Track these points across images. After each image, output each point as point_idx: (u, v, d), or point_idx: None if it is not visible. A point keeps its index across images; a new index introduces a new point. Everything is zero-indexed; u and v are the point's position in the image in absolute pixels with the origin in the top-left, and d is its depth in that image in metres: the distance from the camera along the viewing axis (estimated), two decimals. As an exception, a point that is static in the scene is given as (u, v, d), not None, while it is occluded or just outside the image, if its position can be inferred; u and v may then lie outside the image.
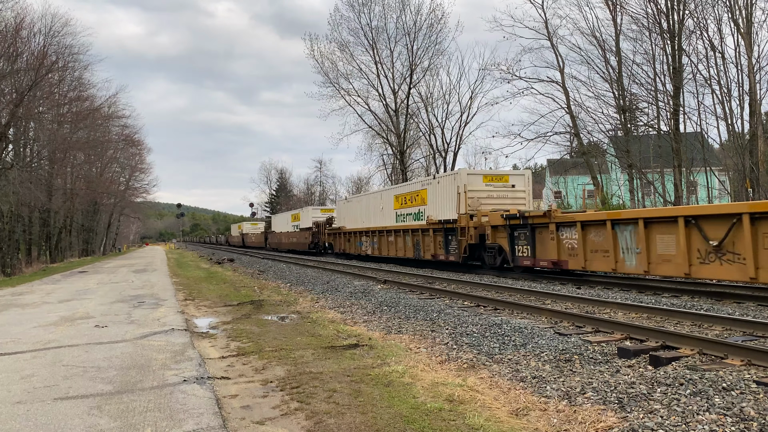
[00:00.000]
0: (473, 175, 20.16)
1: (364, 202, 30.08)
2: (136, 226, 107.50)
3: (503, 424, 4.36)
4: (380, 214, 27.03)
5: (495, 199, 19.68)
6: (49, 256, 43.24)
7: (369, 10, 51.25)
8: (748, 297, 10.74)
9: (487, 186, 19.85)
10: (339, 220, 34.24)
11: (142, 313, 10.94)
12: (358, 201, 31.43)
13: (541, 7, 34.14)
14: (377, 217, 27.35)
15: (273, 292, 14.73)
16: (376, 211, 27.51)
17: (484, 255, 18.30)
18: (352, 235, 30.89)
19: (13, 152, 35.47)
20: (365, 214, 29.20)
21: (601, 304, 10.14)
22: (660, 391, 4.83)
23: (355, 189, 75.13)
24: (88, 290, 16.38)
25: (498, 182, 20.17)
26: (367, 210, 29.07)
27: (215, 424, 4.37)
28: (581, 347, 6.77)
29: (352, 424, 4.35)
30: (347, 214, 32.18)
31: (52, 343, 7.94)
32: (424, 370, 5.94)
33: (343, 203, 33.93)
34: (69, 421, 4.52)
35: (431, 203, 21.84)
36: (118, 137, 52.27)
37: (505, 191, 20.01)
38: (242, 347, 7.42)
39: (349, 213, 31.78)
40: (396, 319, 9.59)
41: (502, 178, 20.44)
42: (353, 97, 46.92)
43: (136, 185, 68.23)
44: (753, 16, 24.89)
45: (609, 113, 31.73)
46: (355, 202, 31.77)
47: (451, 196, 19.95)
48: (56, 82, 35.47)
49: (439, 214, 20.84)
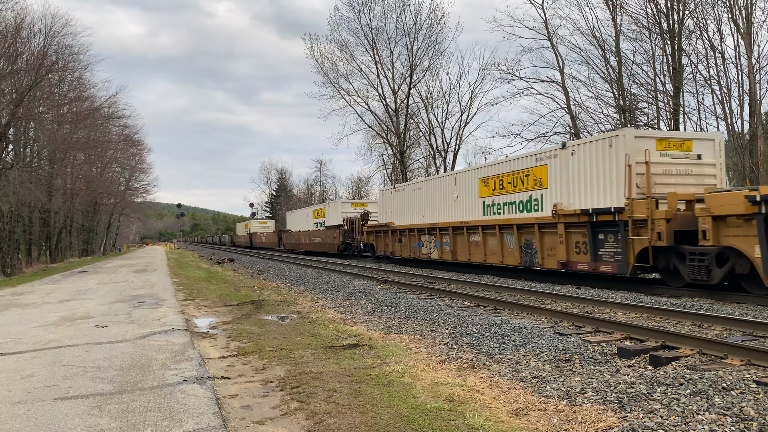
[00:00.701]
0: (643, 138, 13.33)
1: (425, 191, 23.49)
2: (136, 226, 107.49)
3: (503, 423, 4.36)
4: (453, 205, 20.78)
5: (674, 177, 13.28)
6: (49, 256, 43.25)
7: (369, 10, 51.36)
8: (747, 297, 10.74)
9: (662, 156, 13.26)
10: (384, 215, 27.70)
11: (142, 313, 10.95)
12: (415, 189, 24.73)
13: (541, 7, 34.14)
14: (448, 208, 21.14)
15: (273, 292, 14.73)
16: (446, 201, 21.33)
17: (680, 265, 11.80)
18: (405, 233, 24.71)
19: (13, 152, 35.49)
20: (427, 205, 22.99)
21: (601, 304, 10.14)
22: (660, 391, 4.83)
23: (355, 189, 75.08)
24: (88, 290, 16.39)
25: (677, 150, 13.48)
26: (430, 200, 22.78)
27: (215, 424, 4.38)
28: (581, 347, 6.77)
29: (352, 424, 4.36)
30: (397, 206, 26.00)
31: (52, 343, 7.94)
32: (424, 370, 5.95)
33: (390, 194, 27.27)
34: (69, 421, 4.52)
35: (556, 185, 15.32)
36: (118, 137, 52.30)
37: (687, 164, 13.47)
38: (242, 347, 7.43)
39: (400, 205, 25.66)
40: (396, 319, 9.59)
41: (683, 144, 13.66)
42: (353, 97, 46.97)
43: (136, 185, 68.36)
44: (753, 16, 24.92)
45: (609, 113, 31.75)
46: (409, 192, 25.19)
47: (602, 172, 13.74)
48: (56, 82, 35.49)
49: (578, 200, 14.54)
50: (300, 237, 43.90)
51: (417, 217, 23.80)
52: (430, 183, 23.56)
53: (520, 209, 17.03)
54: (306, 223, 43.91)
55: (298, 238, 44.61)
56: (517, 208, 17.15)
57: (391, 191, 27.55)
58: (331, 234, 35.25)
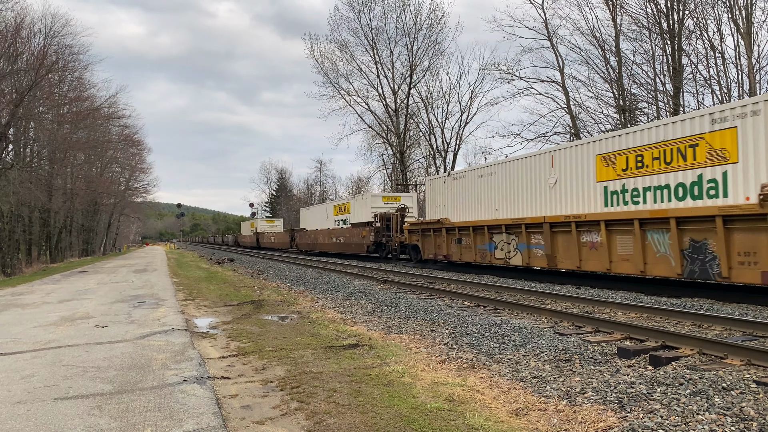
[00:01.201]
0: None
1: (500, 177, 18.45)
2: (136, 226, 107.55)
3: (503, 423, 4.36)
4: (548, 193, 16.34)
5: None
6: (49, 256, 43.25)
7: (369, 10, 51.46)
8: (747, 297, 10.74)
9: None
10: (433, 209, 22.95)
11: (142, 313, 10.95)
12: (483, 176, 19.49)
13: (541, 7, 34.19)
14: (539, 198, 16.69)
15: (273, 292, 14.73)
16: (535, 189, 16.86)
17: None
18: (467, 232, 19.36)
19: (13, 152, 35.49)
20: (503, 195, 18.37)
21: (601, 304, 10.14)
22: (660, 391, 4.83)
23: (356, 189, 75.06)
24: (88, 290, 16.38)
25: None
26: (508, 188, 18.16)
27: (215, 424, 4.38)
28: (581, 347, 6.77)
29: (352, 424, 4.36)
30: (454, 198, 21.25)
31: (52, 343, 7.94)
32: (424, 370, 5.95)
33: (443, 182, 22.16)
34: (69, 421, 4.52)
35: (756, 156, 10.81)
36: (118, 137, 52.34)
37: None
38: (242, 347, 7.43)
39: (459, 197, 20.89)
40: (396, 319, 9.59)
41: None
42: (353, 97, 47.00)
43: (136, 185, 68.40)
44: (753, 16, 24.92)
45: (609, 113, 31.77)
46: (472, 179, 20.09)
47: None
48: (56, 82, 35.51)
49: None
50: (318, 236, 39.17)
51: (485, 211, 19.04)
52: (508, 166, 18.25)
53: (678, 195, 12.30)
54: (325, 220, 39.40)
55: (315, 237, 39.84)
56: (674, 194, 12.39)
57: (444, 180, 22.18)
58: (358, 233, 30.77)
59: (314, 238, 39.99)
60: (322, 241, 37.72)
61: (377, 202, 31.39)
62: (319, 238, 38.74)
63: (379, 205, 30.89)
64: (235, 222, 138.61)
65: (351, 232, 32.33)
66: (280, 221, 65.21)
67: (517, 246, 16.99)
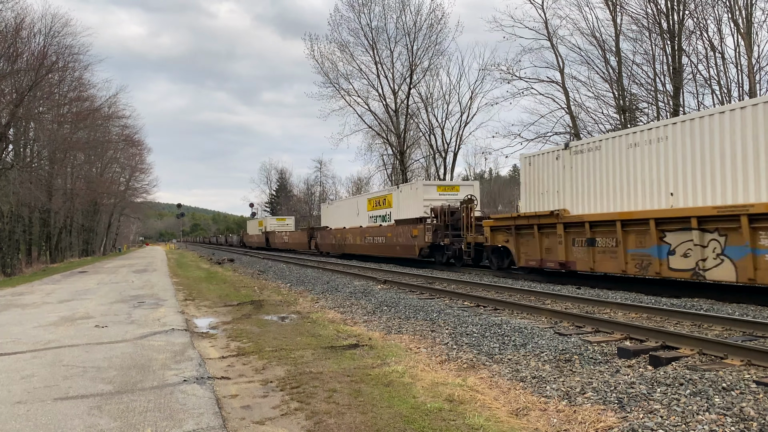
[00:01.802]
0: None
1: (677, 140, 12.35)
2: (136, 226, 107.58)
3: (503, 424, 4.36)
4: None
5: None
6: (49, 256, 43.26)
7: (369, 11, 51.44)
8: (747, 298, 10.74)
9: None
10: (537, 197, 16.63)
11: (143, 313, 10.95)
12: (641, 143, 13.31)
13: (541, 7, 34.12)
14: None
15: (273, 292, 14.73)
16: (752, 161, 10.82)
17: None
18: (609, 230, 13.50)
19: (13, 152, 35.50)
20: (680, 171, 12.28)
21: (601, 304, 10.14)
22: (660, 391, 4.83)
23: (356, 189, 75.07)
24: (88, 290, 16.38)
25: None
26: (693, 159, 11.98)
27: (215, 424, 4.38)
28: (581, 347, 6.77)
29: (352, 424, 4.35)
30: (575, 180, 15.27)
31: (52, 343, 7.94)
32: (424, 370, 5.94)
33: (557, 159, 15.99)
34: (69, 421, 4.52)
35: None
36: (118, 137, 52.36)
37: None
38: (242, 347, 7.43)
39: (586, 177, 14.94)
40: (396, 319, 9.59)
41: None
42: (353, 97, 46.93)
43: (136, 185, 68.42)
44: (753, 16, 24.91)
45: (609, 113, 31.74)
46: (617, 149, 14.00)
47: None
48: (56, 83, 35.49)
49: None
50: (346, 236, 32.23)
51: (647, 197, 13.02)
52: (697, 126, 11.99)
53: None
54: (355, 217, 32.20)
55: (342, 237, 33.03)
56: None
57: (557, 155, 15.97)
58: (405, 232, 24.14)
59: (341, 238, 33.23)
60: (353, 241, 31.15)
61: (431, 192, 24.22)
62: (347, 238, 32.04)
63: (433, 196, 23.97)
64: (236, 222, 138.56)
65: (395, 231, 25.22)
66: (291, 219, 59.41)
67: (724, 251, 10.79)
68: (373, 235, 28.07)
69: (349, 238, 31.65)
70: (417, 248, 23.03)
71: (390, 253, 26.23)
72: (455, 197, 23.45)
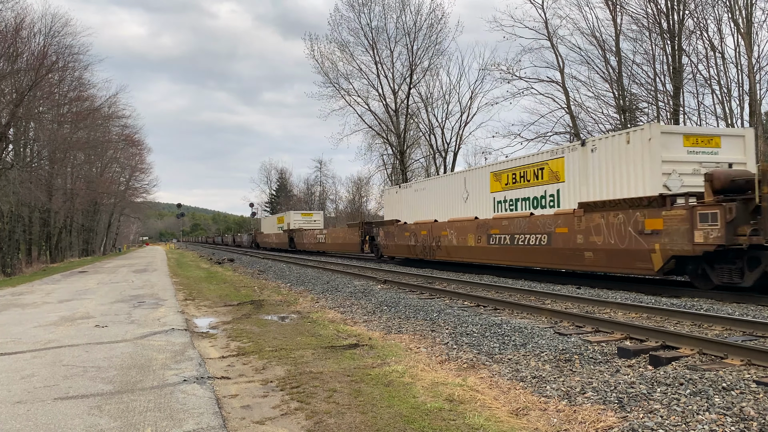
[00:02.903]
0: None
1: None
2: (136, 226, 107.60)
3: (503, 423, 4.36)
4: None
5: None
6: (49, 256, 43.27)
7: (369, 10, 51.46)
8: (747, 298, 10.73)
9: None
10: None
11: (143, 312, 10.95)
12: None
13: (541, 7, 34.12)
14: None
15: (273, 292, 14.73)
16: None
17: None
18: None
19: (13, 152, 35.52)
20: None
21: (601, 304, 10.14)
22: (660, 391, 4.83)
23: (355, 189, 75.07)
24: (88, 290, 16.38)
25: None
26: None
27: (215, 424, 4.38)
28: (581, 347, 6.77)
29: (352, 424, 4.35)
30: None
31: (52, 342, 7.94)
32: (424, 370, 5.94)
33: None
34: (69, 421, 4.52)
35: None
36: (118, 137, 52.40)
37: None
38: (242, 347, 7.43)
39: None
40: (396, 319, 9.59)
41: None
42: (353, 97, 46.94)
43: (136, 185, 68.48)
44: (753, 16, 24.92)
45: (609, 113, 31.76)
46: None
47: None
48: (56, 82, 35.52)
49: None
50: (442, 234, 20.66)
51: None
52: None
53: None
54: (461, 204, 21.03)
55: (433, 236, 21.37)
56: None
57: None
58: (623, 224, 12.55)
59: (429, 237, 21.57)
60: (458, 241, 19.54)
61: (673, 146, 13.38)
62: (445, 238, 20.39)
63: (677, 155, 13.39)
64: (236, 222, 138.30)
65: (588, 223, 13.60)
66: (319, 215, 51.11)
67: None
68: (515, 232, 16.43)
69: (450, 238, 20.05)
70: (664, 256, 11.65)
71: (572, 264, 14.61)
72: (713, 158, 13.63)
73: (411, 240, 23.27)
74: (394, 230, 25.15)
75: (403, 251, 24.36)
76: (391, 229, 25.52)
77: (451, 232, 20.04)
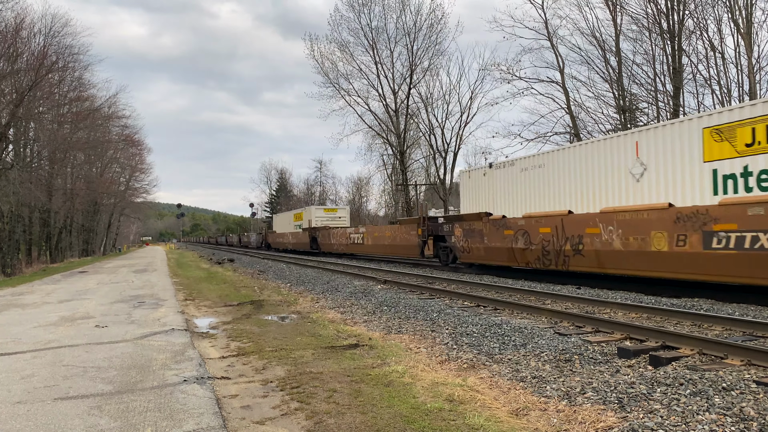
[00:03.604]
0: None
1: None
2: (136, 226, 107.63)
3: (503, 424, 4.36)
4: None
5: None
6: (49, 256, 43.26)
7: (369, 11, 51.53)
8: (747, 298, 10.74)
9: None
10: None
11: (143, 313, 10.94)
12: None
13: (541, 7, 34.12)
14: None
15: (273, 292, 14.73)
16: None
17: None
18: None
19: (13, 152, 35.51)
20: None
21: (601, 304, 10.14)
22: (660, 391, 4.83)
23: (356, 189, 75.03)
24: (88, 290, 16.38)
25: None
26: None
27: (215, 424, 4.37)
28: (581, 347, 6.77)
29: (352, 424, 4.35)
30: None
31: (52, 343, 7.94)
32: (424, 370, 5.94)
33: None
34: (69, 421, 4.52)
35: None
36: (118, 137, 52.40)
37: None
38: (242, 347, 7.42)
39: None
40: (396, 319, 9.59)
41: None
42: (353, 97, 46.94)
43: (136, 185, 68.48)
44: (753, 16, 24.92)
45: (609, 113, 31.76)
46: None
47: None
48: (56, 83, 35.52)
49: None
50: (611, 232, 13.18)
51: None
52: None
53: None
54: (629, 184, 13.97)
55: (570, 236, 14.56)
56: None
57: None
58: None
59: (567, 236, 14.75)
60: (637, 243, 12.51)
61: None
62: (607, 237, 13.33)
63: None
64: (236, 222, 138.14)
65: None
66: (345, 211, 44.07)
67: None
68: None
69: (607, 238, 13.41)
70: None
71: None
72: None
73: (516, 241, 16.72)
74: (482, 227, 18.32)
75: (500, 256, 17.60)
76: (476, 226, 18.61)
77: (609, 228, 13.35)
